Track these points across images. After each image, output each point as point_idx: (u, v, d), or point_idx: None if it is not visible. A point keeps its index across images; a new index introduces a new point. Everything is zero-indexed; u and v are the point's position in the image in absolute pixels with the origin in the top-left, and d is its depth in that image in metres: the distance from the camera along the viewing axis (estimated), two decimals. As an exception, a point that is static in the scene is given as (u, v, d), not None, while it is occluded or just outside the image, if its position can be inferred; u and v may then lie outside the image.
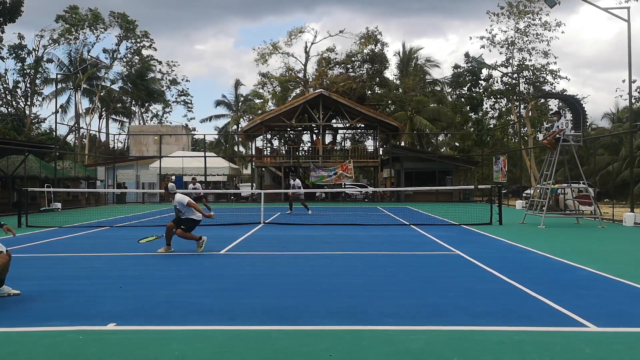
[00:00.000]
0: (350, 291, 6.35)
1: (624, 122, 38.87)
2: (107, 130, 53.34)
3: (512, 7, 35.54)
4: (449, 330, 4.71)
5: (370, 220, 17.13)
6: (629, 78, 18.34)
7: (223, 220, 17.19)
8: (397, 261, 8.77)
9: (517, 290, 6.36)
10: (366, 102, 43.65)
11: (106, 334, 4.68)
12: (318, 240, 11.82)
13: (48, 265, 8.43)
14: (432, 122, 45.17)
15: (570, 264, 8.28)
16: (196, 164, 34.49)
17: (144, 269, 8.03)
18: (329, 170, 32.50)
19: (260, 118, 36.91)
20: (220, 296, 6.12)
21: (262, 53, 48.83)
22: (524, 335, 4.56)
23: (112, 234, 13.63)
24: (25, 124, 41.19)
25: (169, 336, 4.60)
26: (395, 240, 11.71)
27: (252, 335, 4.64)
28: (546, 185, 15.89)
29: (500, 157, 30.61)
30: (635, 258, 9.31)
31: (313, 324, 4.93)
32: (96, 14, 46.34)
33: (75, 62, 48.03)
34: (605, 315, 5.21)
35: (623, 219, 15.92)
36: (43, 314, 5.34)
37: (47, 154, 29.33)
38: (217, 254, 9.74)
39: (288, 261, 8.85)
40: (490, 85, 39.66)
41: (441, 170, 34.03)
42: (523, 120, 37.10)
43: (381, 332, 4.69)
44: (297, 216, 19.15)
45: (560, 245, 10.83)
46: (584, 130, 16.95)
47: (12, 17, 33.60)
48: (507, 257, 9.14)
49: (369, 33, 47.46)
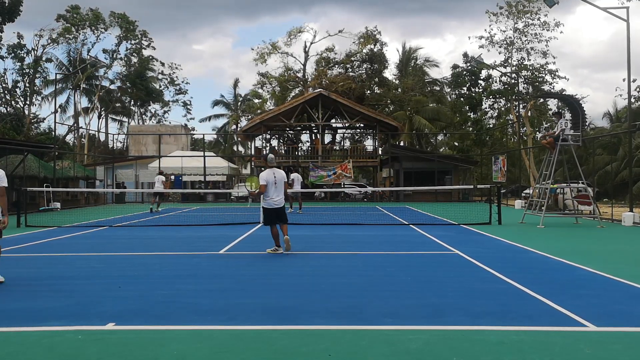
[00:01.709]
0: (349, 291, 6.35)
1: (623, 122, 38.90)
2: (106, 130, 53.33)
3: (511, 7, 35.55)
4: (448, 330, 4.71)
5: (370, 220, 17.13)
6: (628, 77, 18.36)
7: (222, 220, 17.20)
8: (396, 261, 8.77)
9: (516, 290, 6.36)
10: (365, 102, 43.66)
11: (106, 333, 4.67)
12: (317, 240, 11.82)
13: (47, 265, 8.42)
14: (431, 121, 45.18)
15: (569, 264, 8.29)
16: (195, 164, 34.49)
17: (143, 269, 8.03)
18: (328, 170, 32.50)
19: (260, 118, 36.90)
20: (219, 296, 6.12)
21: (262, 53, 48.85)
22: (523, 335, 4.56)
23: (111, 233, 13.62)
24: (24, 123, 41.16)
25: (169, 336, 4.59)
26: (394, 240, 11.71)
27: (252, 335, 4.63)
28: (545, 185, 15.90)
29: (499, 156, 30.63)
30: (634, 258, 9.32)
31: (312, 323, 4.93)
32: (97, 13, 46.33)
33: (75, 61, 48.01)
34: (604, 315, 5.22)
35: (622, 219, 15.93)
36: (42, 314, 5.33)
37: (46, 154, 29.32)
38: (216, 253, 9.73)
39: (287, 261, 8.84)
40: (490, 85, 39.69)
41: (440, 170, 34.04)
42: (522, 120, 37.13)
43: (380, 332, 4.69)
44: (295, 216, 19.14)
45: (560, 245, 10.83)
46: (583, 130, 16.95)
47: (11, 16, 33.59)
48: (506, 257, 9.14)
49: (368, 33, 47.48)
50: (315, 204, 29.61)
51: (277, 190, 9.47)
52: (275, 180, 9.45)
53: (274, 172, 9.54)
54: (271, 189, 9.42)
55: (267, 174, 9.46)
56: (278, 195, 9.50)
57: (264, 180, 9.40)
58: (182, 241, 11.64)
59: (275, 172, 9.55)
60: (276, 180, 9.46)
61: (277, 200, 9.48)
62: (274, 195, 9.46)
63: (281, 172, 9.70)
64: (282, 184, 9.55)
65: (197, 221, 16.87)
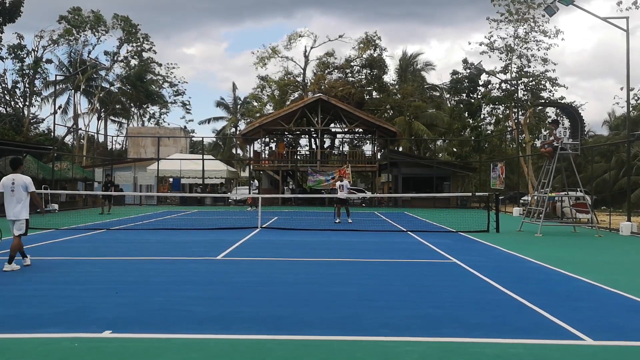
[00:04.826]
0: (345, 300, 6.34)
1: (621, 130, 38.97)
2: (105, 131, 53.29)
3: (512, 14, 35.60)
4: (445, 342, 4.70)
5: (368, 226, 17.10)
6: (627, 86, 18.41)
7: (221, 224, 17.18)
8: (393, 269, 8.75)
9: (513, 302, 6.35)
10: (365, 107, 43.70)
11: (102, 342, 4.66)
12: (314, 246, 11.80)
13: (43, 270, 8.38)
14: (430, 127, 45.24)
15: (567, 274, 8.29)
16: (194, 167, 34.45)
17: (139, 275, 8.01)
18: (326, 175, 32.50)
19: (259, 122, 36.91)
20: (215, 304, 6.10)
21: (262, 57, 48.95)
22: (520, 348, 4.56)
23: (108, 237, 13.58)
24: (23, 124, 41.11)
25: (164, 345, 4.58)
26: (392, 248, 11.70)
27: (247, 344, 4.62)
28: (543, 193, 15.91)
29: (497, 163, 30.66)
30: (631, 269, 9.33)
31: (308, 334, 4.91)
32: (98, 15, 46.37)
33: (75, 63, 48.00)
34: (601, 328, 5.21)
35: (620, 228, 15.95)
36: (38, 320, 5.32)
37: (45, 155, 29.27)
38: (214, 259, 9.72)
39: (284, 268, 8.83)
40: (489, 91, 39.72)
41: (439, 176, 34.06)
42: (521, 127, 37.15)
43: (376, 343, 4.68)
44: (293, 221, 19.12)
45: (558, 254, 10.84)
46: (582, 139, 16.98)
47: (11, 17, 33.60)
48: (504, 267, 9.14)
49: (368, 38, 47.56)
50: (313, 208, 29.59)
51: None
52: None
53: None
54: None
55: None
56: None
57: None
58: (180, 246, 11.62)
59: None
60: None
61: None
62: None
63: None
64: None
65: (195, 225, 16.84)
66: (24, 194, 8.31)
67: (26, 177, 8.44)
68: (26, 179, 8.40)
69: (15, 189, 8.23)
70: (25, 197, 8.33)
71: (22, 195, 8.28)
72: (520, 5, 35.03)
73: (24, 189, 8.30)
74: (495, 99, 38.27)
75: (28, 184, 8.37)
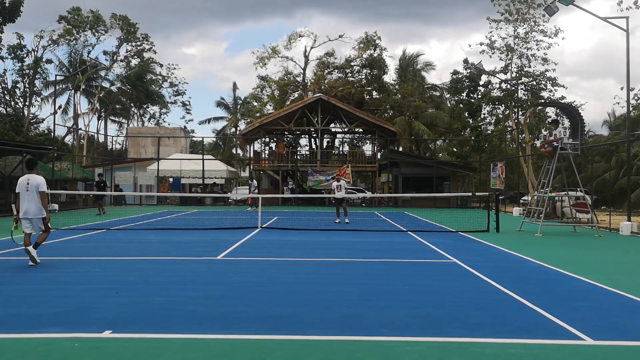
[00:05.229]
0: (346, 300, 6.34)
1: (622, 130, 38.97)
2: (105, 131, 53.30)
3: (512, 14, 35.58)
4: (445, 342, 4.70)
5: (368, 226, 17.11)
6: (627, 86, 18.41)
7: (221, 224, 17.19)
8: (393, 269, 8.75)
9: (514, 301, 6.35)
10: (365, 107, 43.70)
11: (102, 342, 4.66)
12: (314, 246, 11.81)
13: (43, 269, 8.39)
14: (430, 127, 45.22)
15: (567, 274, 8.29)
16: (194, 167, 34.46)
17: (139, 274, 8.01)
18: (326, 175, 32.50)
19: (259, 122, 36.91)
20: (215, 304, 6.10)
21: (262, 57, 48.94)
22: (520, 348, 4.56)
23: (108, 237, 13.59)
24: (23, 124, 41.10)
25: (164, 345, 4.58)
26: (392, 248, 11.70)
27: (247, 344, 4.62)
28: (543, 192, 15.91)
29: (497, 163, 30.65)
30: (631, 269, 9.33)
31: (308, 333, 4.91)
32: (97, 15, 46.38)
33: (75, 63, 47.99)
34: (601, 328, 5.21)
35: (620, 228, 15.95)
36: (38, 320, 5.32)
37: (45, 155, 29.27)
38: (214, 259, 9.72)
39: (284, 268, 8.83)
40: (489, 91, 39.70)
41: (439, 176, 34.06)
42: (521, 127, 37.14)
43: (376, 343, 4.68)
44: (293, 221, 19.12)
45: (558, 254, 10.84)
46: (582, 139, 16.99)
47: (11, 17, 33.57)
48: (504, 267, 9.14)
49: (368, 38, 47.54)
50: (313, 208, 29.59)
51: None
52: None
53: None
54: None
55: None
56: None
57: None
58: (180, 246, 11.62)
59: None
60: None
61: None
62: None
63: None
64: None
65: (195, 225, 16.84)
66: (38, 192, 8.73)
67: (40, 177, 8.87)
68: (40, 179, 8.82)
69: (30, 188, 8.69)
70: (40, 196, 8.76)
71: (37, 195, 8.72)
72: (521, 5, 35.02)
73: (36, 188, 8.71)
74: (495, 99, 38.23)
75: (40, 183, 8.78)
